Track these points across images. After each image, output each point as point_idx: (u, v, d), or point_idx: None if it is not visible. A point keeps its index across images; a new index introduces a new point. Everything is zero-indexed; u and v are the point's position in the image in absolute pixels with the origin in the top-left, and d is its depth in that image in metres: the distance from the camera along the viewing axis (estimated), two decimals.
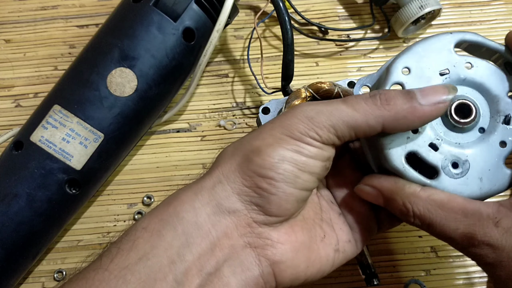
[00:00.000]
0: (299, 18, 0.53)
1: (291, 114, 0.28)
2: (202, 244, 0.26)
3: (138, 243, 0.26)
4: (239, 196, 0.27)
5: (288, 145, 0.27)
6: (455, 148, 0.28)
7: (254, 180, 0.27)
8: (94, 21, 0.53)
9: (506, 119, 0.28)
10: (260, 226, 0.28)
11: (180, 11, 0.42)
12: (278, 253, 0.28)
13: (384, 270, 0.44)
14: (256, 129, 0.29)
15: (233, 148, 0.29)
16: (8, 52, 0.52)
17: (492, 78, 0.28)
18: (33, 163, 0.39)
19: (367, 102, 0.27)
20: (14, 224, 0.38)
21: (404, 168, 0.28)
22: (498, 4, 0.53)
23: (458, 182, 0.27)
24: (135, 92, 0.41)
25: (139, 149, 0.48)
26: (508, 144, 0.28)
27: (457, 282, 0.44)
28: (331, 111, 0.27)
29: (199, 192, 0.28)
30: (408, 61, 0.29)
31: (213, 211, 0.27)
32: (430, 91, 0.27)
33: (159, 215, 0.28)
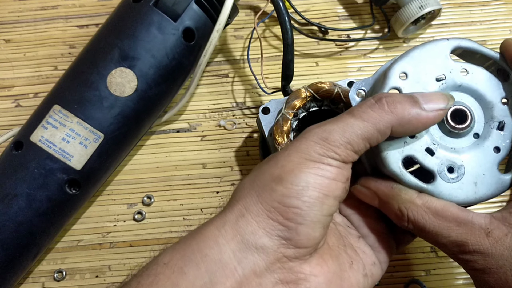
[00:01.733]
0: (299, 18, 0.53)
1: (304, 138, 0.27)
2: (227, 283, 0.25)
3: (159, 279, 0.25)
4: (265, 230, 0.26)
5: (309, 169, 0.26)
6: (450, 153, 0.28)
7: (279, 211, 0.26)
8: (94, 21, 0.53)
9: (500, 125, 0.29)
10: (290, 260, 0.26)
11: (180, 11, 0.42)
12: (313, 286, 0.26)
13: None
14: (270, 158, 0.28)
15: (251, 180, 0.28)
16: (8, 52, 0.52)
17: (486, 85, 0.29)
18: (33, 163, 0.39)
19: (374, 109, 0.27)
20: (14, 224, 0.38)
21: (401, 172, 0.28)
22: (498, 4, 0.53)
23: (454, 187, 0.28)
24: (135, 92, 0.41)
25: (139, 149, 0.48)
26: (501, 149, 0.28)
27: (457, 282, 0.44)
28: (343, 127, 0.26)
29: (221, 227, 0.26)
30: (406, 66, 0.29)
31: (239, 248, 0.26)
32: (432, 97, 0.27)
33: (182, 251, 0.26)
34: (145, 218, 0.46)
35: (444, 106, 0.27)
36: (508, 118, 0.29)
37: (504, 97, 0.29)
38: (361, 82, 0.31)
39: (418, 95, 0.27)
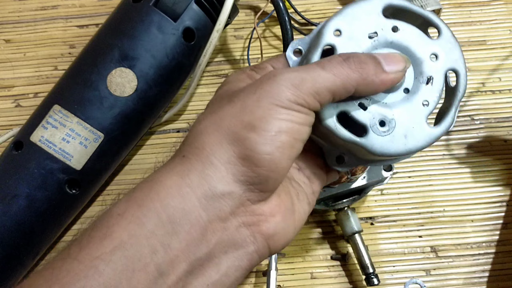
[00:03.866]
0: (299, 18, 0.53)
1: (275, 82, 0.27)
2: (191, 230, 0.25)
3: (113, 230, 0.24)
4: (235, 176, 0.26)
5: (280, 115, 0.26)
6: (382, 107, 0.29)
7: (252, 159, 0.26)
8: (94, 21, 0.53)
9: (428, 80, 0.30)
10: (253, 203, 0.27)
11: (180, 11, 0.42)
12: (272, 226, 0.27)
13: (384, 270, 0.44)
14: (231, 98, 0.28)
15: (215, 124, 0.27)
16: (8, 52, 0.52)
17: (416, 41, 0.30)
18: (33, 163, 0.39)
19: (343, 66, 0.27)
20: (14, 224, 0.38)
21: (336, 127, 0.29)
22: (498, 4, 0.53)
23: (385, 140, 0.29)
24: (135, 92, 0.41)
25: (139, 149, 0.48)
26: (430, 103, 0.29)
27: (457, 282, 0.44)
28: (314, 78, 0.27)
29: (185, 175, 0.26)
30: (339, 24, 0.30)
31: (205, 195, 0.25)
32: (392, 59, 0.28)
33: (139, 201, 0.25)
34: None
35: (402, 68, 0.28)
36: (436, 74, 0.30)
37: (432, 53, 0.30)
38: (298, 41, 0.32)
39: (379, 56, 0.28)
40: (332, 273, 0.44)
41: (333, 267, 0.44)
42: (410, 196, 0.46)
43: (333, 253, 0.45)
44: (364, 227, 0.45)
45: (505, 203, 0.46)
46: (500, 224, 0.45)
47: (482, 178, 0.47)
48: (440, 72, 0.30)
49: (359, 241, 0.42)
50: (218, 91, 0.31)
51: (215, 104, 0.29)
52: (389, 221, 0.46)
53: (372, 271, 0.41)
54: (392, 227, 0.45)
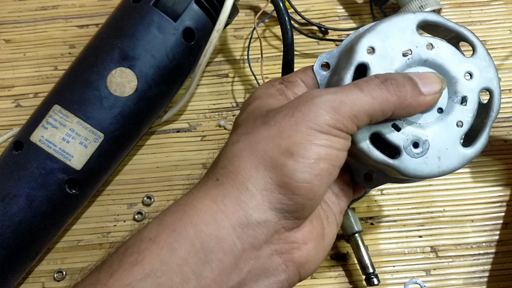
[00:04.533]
0: (299, 18, 0.53)
1: (313, 105, 0.26)
2: (224, 259, 0.24)
3: (144, 256, 0.23)
4: (271, 204, 0.25)
5: (319, 141, 0.25)
6: (416, 128, 0.29)
7: (289, 187, 0.25)
8: (94, 21, 0.53)
9: (463, 100, 0.29)
10: (287, 230, 0.26)
11: (180, 11, 0.42)
12: (304, 254, 0.26)
13: (384, 270, 0.44)
14: (266, 120, 0.27)
15: (250, 147, 0.26)
16: (8, 52, 0.52)
17: (451, 60, 0.29)
18: (33, 163, 0.39)
19: (382, 89, 0.26)
20: (14, 224, 0.38)
21: (369, 149, 0.28)
22: (498, 4, 0.53)
23: (419, 161, 0.28)
24: (135, 92, 0.41)
25: (139, 149, 0.48)
26: (464, 124, 0.29)
27: (457, 282, 0.44)
28: (353, 101, 0.26)
29: (220, 200, 0.25)
30: (373, 41, 0.29)
31: (240, 223, 0.24)
32: (429, 80, 0.28)
33: (171, 226, 0.24)
34: (145, 218, 0.46)
35: (439, 89, 0.28)
36: (471, 93, 0.29)
37: (467, 72, 0.29)
38: (326, 54, 0.31)
39: (416, 77, 0.28)
40: (332, 273, 0.44)
41: (333, 267, 0.44)
42: (410, 196, 0.46)
43: (333, 253, 0.45)
44: (364, 227, 0.45)
45: (505, 203, 0.46)
46: (500, 224, 0.45)
47: (482, 178, 0.47)
48: (474, 92, 0.29)
49: (359, 241, 0.42)
50: (247, 106, 0.30)
51: (249, 124, 0.28)
52: (389, 221, 0.46)
53: (372, 271, 0.41)
54: (392, 227, 0.45)
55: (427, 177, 0.29)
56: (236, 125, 0.29)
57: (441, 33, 0.31)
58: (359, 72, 0.29)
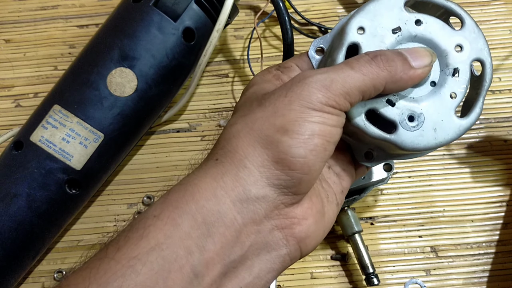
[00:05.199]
0: (299, 18, 0.53)
1: (306, 84, 0.27)
2: (226, 233, 0.25)
3: (150, 231, 0.24)
4: (269, 180, 0.26)
5: (312, 118, 0.26)
6: (410, 102, 0.29)
7: (285, 162, 0.26)
8: (94, 21, 0.53)
9: (454, 71, 0.30)
10: (287, 206, 0.27)
11: (180, 11, 0.42)
12: (304, 229, 0.27)
13: (384, 270, 0.44)
14: (262, 102, 0.28)
15: (248, 128, 0.27)
16: (8, 52, 0.52)
17: (440, 34, 0.30)
18: (33, 163, 0.39)
19: (371, 65, 0.27)
20: (14, 224, 0.38)
21: (365, 125, 0.29)
22: (498, 4, 0.53)
23: (415, 134, 0.29)
24: (135, 92, 0.41)
25: (139, 149, 0.48)
26: (457, 95, 0.30)
27: (457, 282, 0.44)
28: (344, 78, 0.27)
29: (220, 178, 0.26)
30: (362, 21, 0.30)
31: (239, 198, 0.26)
32: (419, 54, 0.28)
33: (174, 203, 0.26)
34: None
35: (429, 62, 0.28)
36: (462, 65, 0.30)
37: (457, 45, 0.30)
38: (319, 39, 0.32)
39: (405, 52, 0.28)
40: (332, 273, 0.44)
41: (333, 267, 0.44)
42: (410, 196, 0.46)
43: (333, 253, 0.45)
44: (364, 227, 0.45)
45: (505, 203, 0.46)
46: (500, 224, 0.45)
47: (482, 178, 0.47)
48: (465, 63, 0.30)
49: (359, 241, 0.42)
50: (245, 92, 0.31)
51: (245, 107, 0.29)
52: (389, 221, 0.46)
53: (372, 271, 0.41)
54: (392, 227, 0.45)
55: (425, 149, 0.29)
56: (235, 110, 0.30)
57: (431, 10, 0.31)
58: (351, 52, 0.29)
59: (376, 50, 0.28)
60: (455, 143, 0.48)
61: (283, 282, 0.44)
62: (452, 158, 0.48)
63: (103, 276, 0.23)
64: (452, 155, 0.48)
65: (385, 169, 0.42)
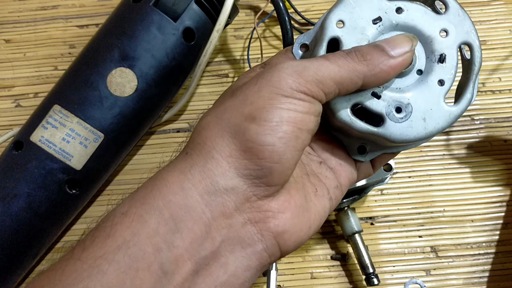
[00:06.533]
0: (299, 18, 0.53)
1: (277, 70, 0.26)
2: (194, 227, 0.24)
3: (116, 229, 0.24)
4: (237, 170, 0.25)
5: (282, 104, 0.25)
6: (396, 93, 0.29)
7: (254, 150, 0.25)
8: (94, 21, 0.53)
9: (441, 58, 0.29)
10: (260, 199, 0.26)
11: (180, 11, 0.42)
12: (281, 223, 0.26)
13: (384, 270, 0.44)
14: (234, 91, 0.27)
15: (217, 118, 0.26)
16: (8, 52, 0.52)
17: (423, 19, 0.29)
18: (33, 163, 0.39)
19: (347, 59, 0.26)
20: (14, 224, 0.38)
21: (351, 120, 0.28)
22: (498, 4, 0.53)
23: (404, 126, 0.28)
24: (135, 92, 0.41)
25: (139, 149, 0.48)
26: (446, 81, 0.29)
27: (457, 282, 0.44)
28: (318, 67, 0.26)
29: (187, 171, 0.25)
30: (341, 14, 0.29)
31: (207, 190, 0.25)
32: (396, 41, 0.27)
33: (141, 199, 0.25)
34: None
35: (409, 48, 0.27)
36: (449, 50, 0.29)
37: (442, 29, 0.29)
38: (303, 36, 0.31)
39: (382, 42, 0.27)
40: (332, 273, 0.44)
41: (333, 267, 0.44)
42: (410, 196, 0.46)
43: (333, 253, 0.45)
44: (364, 227, 0.45)
45: (505, 203, 0.46)
46: (500, 224, 0.45)
47: (482, 178, 0.47)
48: (452, 48, 0.29)
49: (359, 241, 0.42)
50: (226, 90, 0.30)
51: (219, 100, 0.29)
52: (389, 221, 0.46)
53: (372, 271, 0.41)
54: (392, 227, 0.45)
55: (415, 140, 0.29)
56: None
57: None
58: (333, 47, 0.29)
59: (351, 48, 0.28)
60: (455, 143, 0.48)
61: (283, 282, 0.44)
62: (452, 158, 0.48)
63: (69, 277, 0.23)
64: (452, 155, 0.48)
65: (385, 169, 0.42)
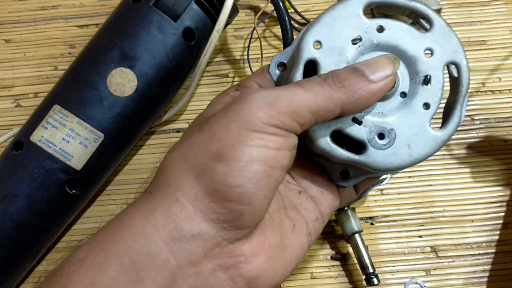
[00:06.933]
0: (299, 18, 0.53)
1: (247, 101, 0.24)
2: (158, 277, 0.22)
3: (72, 278, 0.22)
4: (204, 214, 0.23)
5: (252, 141, 0.23)
6: (378, 118, 0.27)
7: (221, 193, 0.23)
8: (94, 21, 0.53)
9: (425, 79, 0.27)
10: (231, 243, 0.24)
11: (180, 11, 0.42)
12: (254, 268, 0.24)
13: (384, 270, 0.44)
14: (202, 125, 0.25)
15: (183, 156, 0.24)
16: (8, 52, 0.52)
17: (406, 39, 0.27)
18: (33, 163, 0.39)
19: (323, 86, 0.24)
20: (14, 224, 0.38)
21: (331, 148, 0.27)
22: (498, 4, 0.53)
23: (387, 153, 0.26)
24: (135, 92, 0.41)
25: (139, 149, 0.48)
26: (431, 104, 0.27)
27: (457, 282, 0.44)
28: (292, 96, 0.24)
29: (150, 214, 0.23)
30: (318, 34, 0.27)
31: (171, 236, 0.23)
32: (376, 64, 0.25)
33: (101, 244, 0.23)
34: None
35: (391, 71, 0.25)
36: (434, 71, 0.27)
37: (427, 49, 0.27)
38: (280, 54, 0.29)
39: (361, 65, 0.25)
40: (332, 273, 0.44)
41: (333, 267, 0.44)
42: (410, 196, 0.46)
43: (333, 253, 0.45)
44: (364, 227, 0.45)
45: (505, 203, 0.46)
46: (500, 224, 0.45)
47: (482, 178, 0.47)
48: (438, 69, 0.27)
49: (359, 241, 0.42)
50: (196, 118, 0.28)
51: (187, 133, 0.27)
52: (389, 221, 0.46)
53: (372, 271, 0.41)
54: (392, 227, 0.45)
55: (400, 168, 0.27)
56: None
57: (398, 11, 0.29)
58: (310, 69, 0.27)
59: (328, 72, 0.26)
60: (455, 143, 0.48)
61: (283, 282, 0.44)
62: (452, 158, 0.48)
63: None
64: (452, 155, 0.48)
65: None
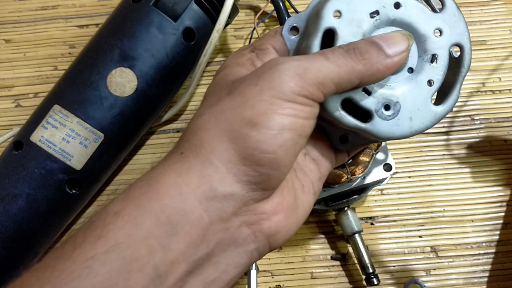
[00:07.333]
0: None
1: (277, 72, 0.25)
2: (192, 231, 0.24)
3: (109, 229, 0.23)
4: (236, 176, 0.25)
5: (283, 110, 0.24)
6: (386, 90, 0.28)
7: (254, 158, 0.24)
8: (94, 21, 0.53)
9: (433, 58, 0.29)
10: (256, 202, 0.26)
11: (180, 11, 0.42)
12: (273, 225, 0.26)
13: (384, 270, 0.44)
14: (232, 90, 0.26)
15: (215, 120, 0.26)
16: (8, 52, 0.52)
17: (419, 17, 0.29)
18: (33, 163, 0.39)
19: (346, 58, 0.26)
20: (14, 224, 0.38)
21: (341, 115, 0.28)
22: (498, 4, 0.53)
23: (390, 124, 0.28)
24: (135, 92, 0.41)
25: (139, 149, 0.48)
26: (434, 82, 0.29)
27: (457, 282, 0.44)
28: (319, 68, 0.25)
29: (184, 173, 0.25)
30: (338, 4, 0.28)
31: (205, 196, 0.24)
32: (393, 40, 0.27)
33: (136, 200, 0.25)
34: None
35: (406, 47, 0.27)
36: (441, 51, 0.29)
37: (436, 29, 0.29)
38: (294, 18, 0.30)
39: (379, 40, 0.27)
40: (332, 273, 0.44)
41: (333, 267, 0.44)
42: (410, 196, 0.46)
43: (333, 253, 0.45)
44: (364, 227, 0.45)
45: (505, 203, 0.46)
46: (500, 224, 0.45)
47: (482, 178, 0.47)
48: (444, 49, 0.29)
49: (359, 241, 0.42)
50: (215, 76, 0.29)
51: (214, 96, 0.28)
52: (389, 221, 0.46)
53: (372, 271, 0.41)
54: (392, 227, 0.45)
55: (400, 138, 0.29)
56: (204, 98, 0.29)
57: None
58: (327, 37, 0.28)
59: (349, 43, 0.27)
60: (455, 143, 0.48)
61: (283, 282, 0.44)
62: (452, 158, 0.48)
63: (58, 276, 0.22)
64: (452, 155, 0.48)
65: (385, 169, 0.42)
